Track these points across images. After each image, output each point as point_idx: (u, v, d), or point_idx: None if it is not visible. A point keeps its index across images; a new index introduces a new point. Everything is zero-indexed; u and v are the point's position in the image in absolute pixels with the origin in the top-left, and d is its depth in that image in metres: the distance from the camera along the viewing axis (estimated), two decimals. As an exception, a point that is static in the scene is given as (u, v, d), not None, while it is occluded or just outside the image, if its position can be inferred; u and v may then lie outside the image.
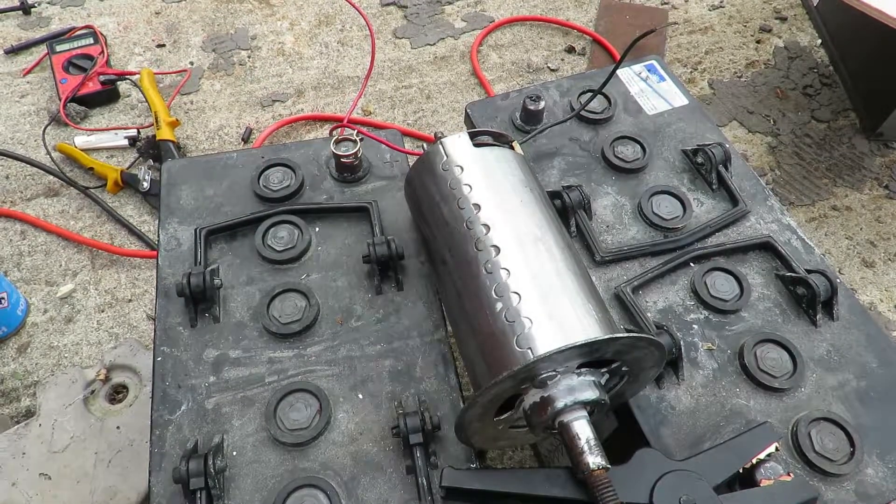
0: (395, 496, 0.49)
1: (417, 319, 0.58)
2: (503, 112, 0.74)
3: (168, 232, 0.63)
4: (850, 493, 0.49)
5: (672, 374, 0.55)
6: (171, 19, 1.50)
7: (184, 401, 0.53)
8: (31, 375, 1.00)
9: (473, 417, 0.44)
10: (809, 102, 1.38)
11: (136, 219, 1.16)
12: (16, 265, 1.11)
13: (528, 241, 0.49)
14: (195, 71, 1.39)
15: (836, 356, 0.56)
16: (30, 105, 1.32)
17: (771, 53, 1.46)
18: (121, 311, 1.06)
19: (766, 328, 0.58)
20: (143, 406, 0.90)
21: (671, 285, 0.60)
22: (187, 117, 1.32)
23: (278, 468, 0.50)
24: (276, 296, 0.58)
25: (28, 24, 1.47)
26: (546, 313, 0.44)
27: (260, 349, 0.56)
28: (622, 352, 0.44)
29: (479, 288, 0.47)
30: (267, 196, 0.65)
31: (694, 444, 0.51)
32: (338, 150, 0.64)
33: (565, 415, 0.43)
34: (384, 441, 0.51)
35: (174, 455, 0.50)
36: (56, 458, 0.85)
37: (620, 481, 0.42)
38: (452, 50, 1.44)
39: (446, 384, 0.54)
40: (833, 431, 0.52)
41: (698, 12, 1.55)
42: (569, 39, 1.47)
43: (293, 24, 1.49)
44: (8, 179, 1.21)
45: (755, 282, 0.60)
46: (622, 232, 0.63)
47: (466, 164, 0.54)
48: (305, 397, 0.53)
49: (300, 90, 1.37)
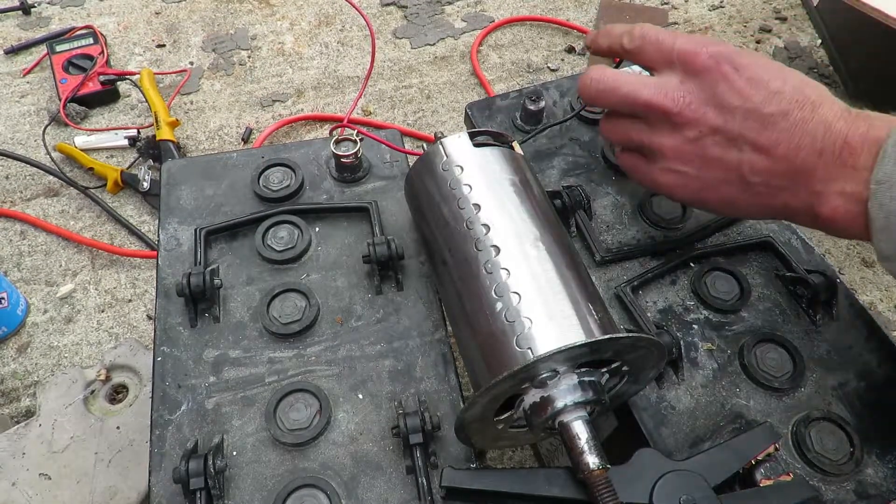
0: (395, 496, 0.49)
1: (417, 319, 0.58)
2: (503, 112, 0.74)
3: (168, 232, 0.63)
4: (849, 493, 0.49)
5: (672, 374, 0.55)
6: (171, 19, 1.50)
7: (184, 401, 0.53)
8: (31, 375, 1.00)
9: (473, 417, 0.44)
10: (809, 102, 1.38)
11: (136, 219, 1.16)
12: (16, 265, 1.11)
13: (528, 241, 0.49)
14: (195, 71, 1.39)
15: (836, 356, 0.56)
16: (30, 105, 1.32)
17: (771, 53, 1.46)
18: (121, 311, 1.06)
19: (766, 328, 0.58)
20: (143, 406, 0.90)
21: (671, 285, 0.60)
22: (187, 117, 1.32)
23: (278, 468, 0.50)
24: (276, 296, 0.58)
25: (28, 24, 1.47)
26: (546, 313, 0.44)
27: (260, 349, 0.56)
28: (622, 352, 0.44)
29: (479, 288, 0.47)
30: (267, 196, 0.65)
31: (694, 444, 0.51)
32: (338, 150, 0.64)
33: (565, 415, 0.43)
34: (384, 441, 0.51)
35: (174, 455, 0.50)
36: (56, 458, 0.85)
37: (620, 481, 0.42)
38: (452, 50, 1.44)
39: (446, 384, 0.54)
40: (833, 431, 0.52)
41: (698, 12, 1.55)
42: (569, 39, 1.47)
43: (293, 24, 1.49)
44: (8, 179, 1.21)
45: (755, 282, 0.61)
46: (622, 232, 0.63)
47: (466, 164, 0.54)
48: (305, 397, 0.53)
49: (300, 90, 1.37)
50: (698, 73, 0.49)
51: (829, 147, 0.45)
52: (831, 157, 0.45)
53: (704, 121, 0.48)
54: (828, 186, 0.45)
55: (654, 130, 0.52)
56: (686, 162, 0.51)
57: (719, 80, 0.48)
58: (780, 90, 0.46)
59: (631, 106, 0.52)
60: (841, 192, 0.45)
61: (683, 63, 0.49)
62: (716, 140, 0.48)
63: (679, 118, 0.49)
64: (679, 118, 0.49)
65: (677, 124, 0.50)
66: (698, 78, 0.49)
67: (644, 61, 0.53)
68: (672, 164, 0.51)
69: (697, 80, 0.49)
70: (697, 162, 0.50)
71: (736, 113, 0.47)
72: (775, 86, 0.46)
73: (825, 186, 0.45)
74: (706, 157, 0.49)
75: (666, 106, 0.50)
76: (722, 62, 0.48)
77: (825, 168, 0.45)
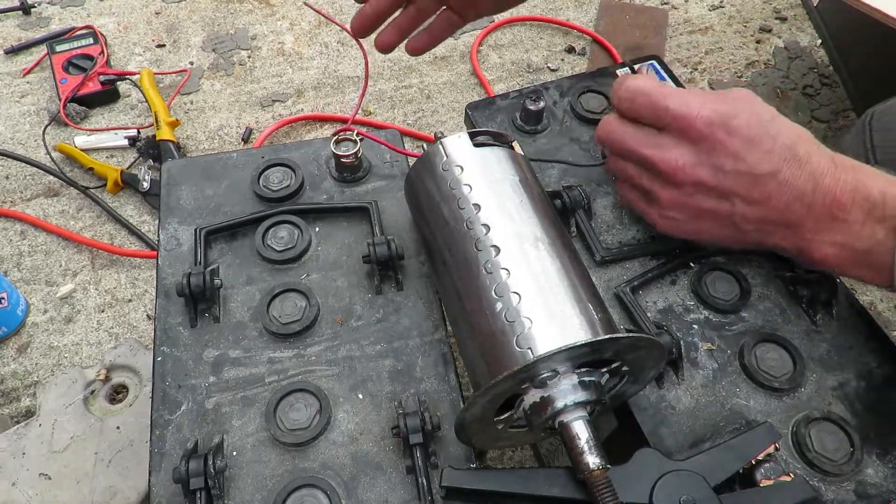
0: (395, 496, 0.49)
1: (417, 319, 0.58)
2: (503, 112, 0.74)
3: (168, 232, 0.63)
4: (849, 493, 0.49)
5: (672, 374, 0.55)
6: (171, 19, 1.50)
7: (184, 401, 0.53)
8: (31, 375, 1.00)
9: (473, 417, 0.44)
10: (809, 102, 1.38)
11: (136, 219, 1.16)
12: (16, 265, 1.11)
13: (528, 241, 0.49)
14: (195, 71, 1.39)
15: (836, 356, 0.56)
16: (30, 105, 1.32)
17: (771, 53, 1.46)
18: (121, 311, 1.06)
19: (766, 328, 0.58)
20: (143, 406, 0.90)
21: (671, 285, 0.60)
22: (187, 117, 1.32)
23: (278, 468, 0.50)
24: (276, 296, 0.58)
25: (28, 24, 1.47)
26: (546, 313, 0.44)
27: (260, 349, 0.56)
28: (622, 352, 0.44)
29: (479, 288, 0.47)
30: (267, 196, 0.65)
31: (694, 444, 0.51)
32: (338, 150, 0.64)
33: (565, 415, 0.43)
34: (384, 441, 0.51)
35: (174, 455, 0.50)
36: (56, 458, 0.85)
37: (620, 481, 0.42)
38: (452, 50, 1.44)
39: (446, 384, 0.54)
40: (833, 431, 0.52)
41: (698, 12, 1.55)
42: (569, 39, 1.47)
43: (293, 25, 1.49)
44: (8, 179, 1.21)
45: (755, 282, 0.61)
46: (622, 232, 0.63)
47: (466, 164, 0.54)
48: (305, 397, 0.53)
49: (300, 90, 1.37)
50: (693, 141, 0.51)
51: (819, 202, 0.48)
52: (821, 211, 0.49)
53: (698, 181, 0.51)
54: (818, 236, 0.50)
55: (653, 180, 0.55)
56: (681, 210, 0.54)
57: (714, 146, 0.50)
58: (770, 150, 0.49)
59: (634, 157, 0.56)
60: (833, 242, 0.49)
61: (679, 128, 0.51)
62: (709, 196, 0.52)
63: (674, 178, 0.53)
64: (674, 178, 0.53)
65: (672, 182, 0.53)
66: (693, 144, 0.51)
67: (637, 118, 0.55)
68: (668, 212, 0.55)
69: (692, 146, 0.51)
70: (692, 212, 0.54)
71: (729, 174, 0.50)
72: (766, 146, 0.49)
73: (815, 236, 0.50)
74: (700, 209, 0.53)
75: (660, 167, 0.53)
76: (716, 130, 0.50)
77: (814, 221, 0.49)
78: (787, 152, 0.49)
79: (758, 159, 0.49)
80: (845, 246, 0.49)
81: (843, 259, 0.50)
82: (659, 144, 0.53)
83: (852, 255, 0.49)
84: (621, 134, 0.55)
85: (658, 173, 0.54)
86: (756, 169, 0.49)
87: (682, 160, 0.51)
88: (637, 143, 0.54)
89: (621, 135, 0.55)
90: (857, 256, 0.49)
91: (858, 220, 0.48)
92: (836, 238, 0.49)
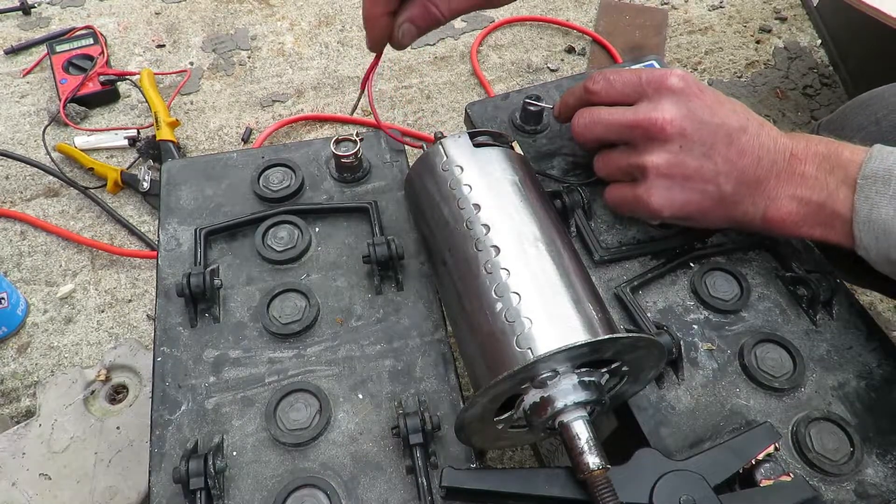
0: (395, 496, 0.49)
1: (417, 319, 0.58)
2: (503, 112, 0.74)
3: (168, 232, 0.63)
4: (849, 493, 0.49)
5: (672, 374, 0.55)
6: (171, 19, 1.50)
7: (184, 401, 0.53)
8: (31, 375, 1.00)
9: (473, 417, 0.44)
10: (809, 102, 1.38)
11: (136, 219, 1.16)
12: (16, 265, 1.11)
13: (527, 241, 0.49)
14: (195, 71, 1.39)
15: (836, 356, 0.56)
16: (30, 105, 1.32)
17: (771, 54, 1.46)
18: (121, 312, 1.06)
19: (766, 328, 0.58)
20: (143, 406, 0.90)
21: (671, 285, 0.60)
22: (187, 117, 1.32)
23: (278, 468, 0.50)
24: (276, 296, 0.58)
25: (28, 24, 1.47)
26: (546, 313, 0.44)
27: (260, 349, 0.56)
28: (622, 352, 0.44)
29: (479, 288, 0.47)
30: (267, 196, 0.65)
31: (694, 444, 0.51)
32: (338, 151, 0.64)
33: (565, 415, 0.43)
34: (384, 441, 0.51)
35: (174, 455, 0.50)
36: (56, 458, 0.85)
37: (620, 481, 0.42)
38: (452, 50, 1.44)
39: (446, 384, 0.54)
40: (833, 431, 0.52)
41: (698, 12, 1.55)
42: (569, 39, 1.47)
43: (293, 25, 1.49)
44: (8, 179, 1.21)
45: (755, 282, 0.61)
46: (622, 232, 0.63)
47: (466, 164, 0.54)
48: (305, 397, 0.53)
49: (300, 90, 1.37)
50: (672, 94, 0.54)
51: (780, 157, 0.53)
52: (782, 167, 0.53)
53: (684, 133, 0.54)
54: (780, 192, 0.53)
55: (640, 151, 0.56)
56: (669, 177, 0.55)
57: (691, 97, 0.54)
58: (735, 109, 0.55)
59: (617, 130, 0.57)
60: (792, 195, 0.53)
61: (656, 88, 0.55)
62: (694, 153, 0.54)
63: (662, 134, 0.54)
64: (662, 134, 0.54)
65: (661, 140, 0.55)
66: (672, 98, 0.54)
67: (614, 98, 0.58)
68: (656, 182, 0.56)
69: (672, 99, 0.54)
70: (679, 177, 0.55)
71: (708, 125, 0.53)
72: (731, 106, 0.55)
73: (777, 192, 0.53)
74: (686, 171, 0.54)
75: (647, 126, 0.55)
76: (690, 84, 0.54)
77: (777, 176, 0.53)
78: (747, 113, 0.55)
79: (728, 114, 0.53)
80: (803, 200, 0.52)
81: (802, 215, 0.53)
82: (640, 110, 0.55)
83: (810, 209, 0.52)
84: (600, 114, 0.58)
85: (645, 139, 0.55)
86: (728, 123, 0.53)
87: (669, 114, 0.53)
88: (621, 115, 0.56)
89: (601, 115, 0.58)
90: (814, 211, 0.52)
91: (812, 172, 0.52)
92: (795, 191, 0.53)
